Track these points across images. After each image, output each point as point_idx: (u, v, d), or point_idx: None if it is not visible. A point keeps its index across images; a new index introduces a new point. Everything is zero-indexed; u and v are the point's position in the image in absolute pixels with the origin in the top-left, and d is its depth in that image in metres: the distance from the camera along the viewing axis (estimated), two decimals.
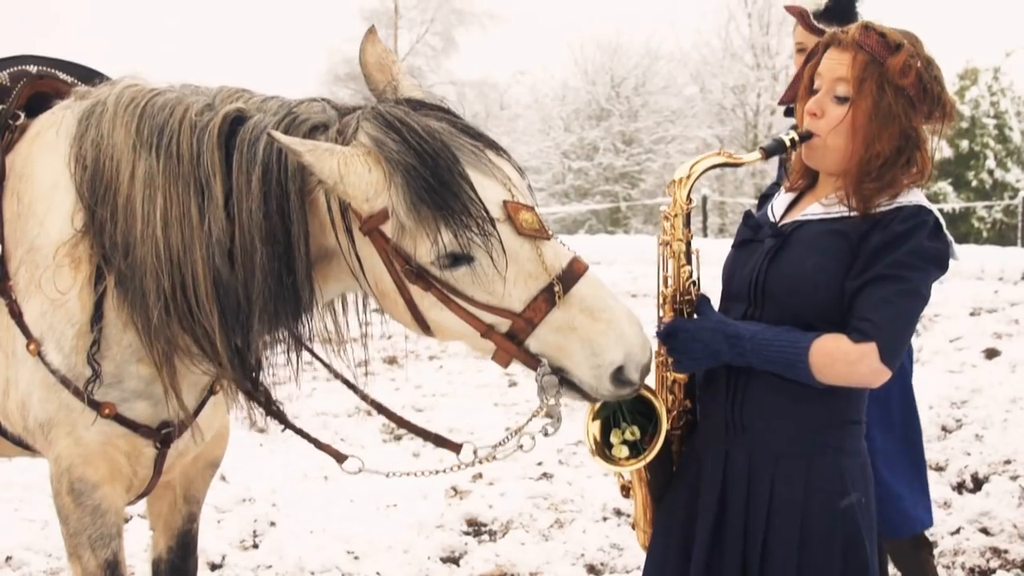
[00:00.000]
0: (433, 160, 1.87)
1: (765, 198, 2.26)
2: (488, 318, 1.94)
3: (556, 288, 1.91)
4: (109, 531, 2.27)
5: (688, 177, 2.06)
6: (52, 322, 2.17)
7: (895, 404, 2.89)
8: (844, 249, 1.97)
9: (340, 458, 2.26)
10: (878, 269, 1.91)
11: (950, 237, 1.99)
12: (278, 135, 1.86)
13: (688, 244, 2.08)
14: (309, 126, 2.00)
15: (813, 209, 2.07)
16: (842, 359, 1.90)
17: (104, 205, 2.08)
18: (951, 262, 1.99)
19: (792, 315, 1.99)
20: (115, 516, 2.29)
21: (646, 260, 2.34)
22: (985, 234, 23.05)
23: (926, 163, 2.00)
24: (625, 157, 29.41)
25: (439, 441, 2.24)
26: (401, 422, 2.32)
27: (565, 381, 1.97)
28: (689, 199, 2.07)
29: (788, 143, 2.06)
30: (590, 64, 30.64)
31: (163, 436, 2.27)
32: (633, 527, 2.27)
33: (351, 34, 27.46)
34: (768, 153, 2.07)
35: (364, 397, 2.35)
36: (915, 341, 3.21)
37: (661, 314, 2.11)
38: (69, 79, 2.51)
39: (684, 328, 2.04)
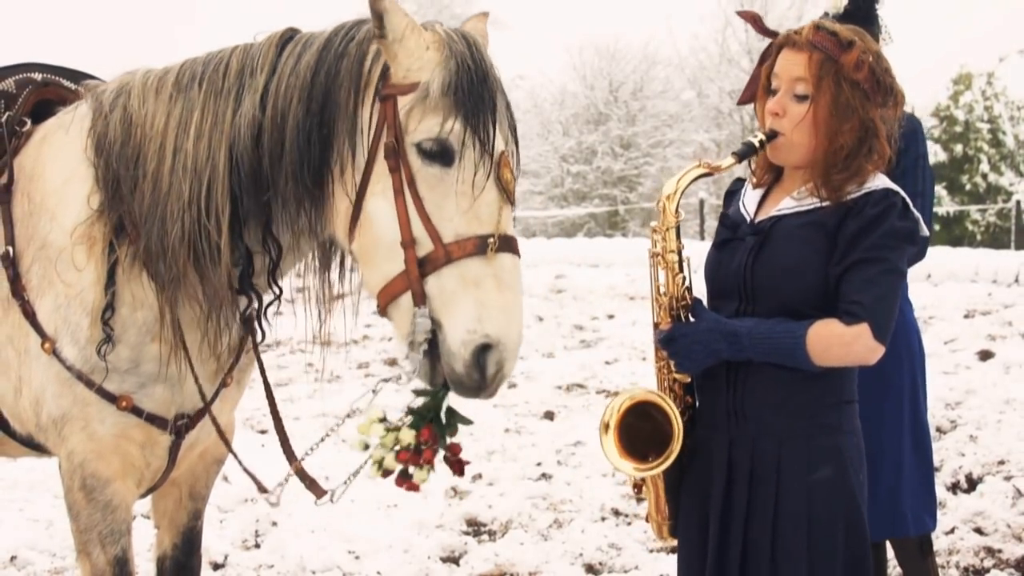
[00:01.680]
0: (483, 77, 1.99)
1: (730, 194, 2.35)
2: (418, 230, 1.96)
3: (491, 240, 1.94)
4: (119, 527, 2.29)
5: (676, 192, 2.15)
6: (66, 315, 2.20)
7: (907, 406, 2.95)
8: (822, 238, 2.07)
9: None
10: (858, 253, 2.02)
11: (917, 214, 2.10)
12: None
13: (680, 254, 2.17)
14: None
15: (786, 203, 2.17)
16: (838, 342, 2.00)
17: (137, 165, 2.15)
18: (927, 244, 2.14)
19: (782, 306, 2.08)
20: (125, 512, 2.32)
21: (644, 263, 2.41)
22: (979, 237, 23.13)
23: (885, 149, 2.11)
24: (623, 161, 29.47)
25: (311, 483, 2.41)
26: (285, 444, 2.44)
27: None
28: (677, 212, 2.16)
29: (757, 144, 2.16)
30: (588, 69, 30.68)
31: (179, 426, 2.31)
32: (647, 519, 2.35)
33: None
34: (741, 157, 2.17)
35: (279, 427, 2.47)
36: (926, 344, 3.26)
37: (657, 320, 2.19)
38: (73, 86, 2.55)
39: (683, 332, 2.12)
